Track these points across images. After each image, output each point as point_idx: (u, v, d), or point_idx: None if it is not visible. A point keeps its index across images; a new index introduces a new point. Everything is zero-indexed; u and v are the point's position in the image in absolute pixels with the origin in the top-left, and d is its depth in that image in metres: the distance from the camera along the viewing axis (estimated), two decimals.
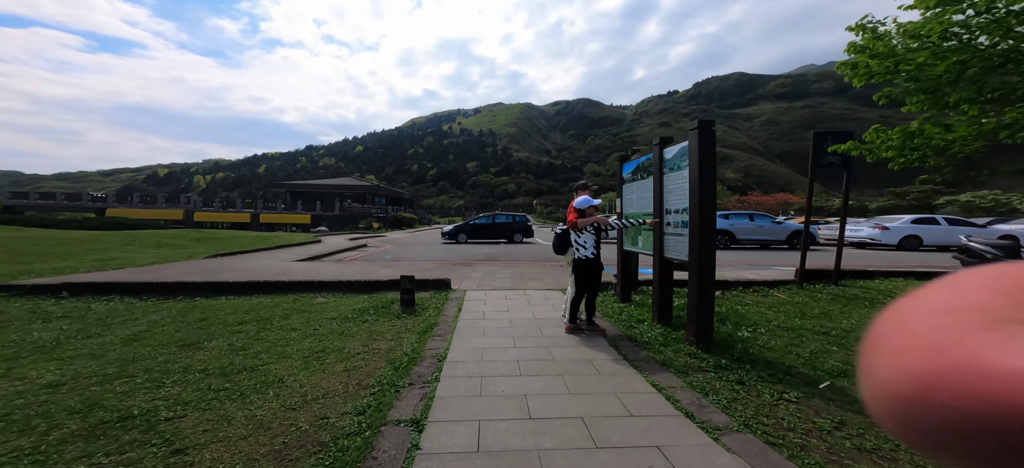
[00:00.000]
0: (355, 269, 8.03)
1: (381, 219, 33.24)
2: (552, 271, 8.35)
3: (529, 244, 17.24)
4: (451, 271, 8.20)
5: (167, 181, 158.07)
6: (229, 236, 15.06)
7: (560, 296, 5.74)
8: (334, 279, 6.17)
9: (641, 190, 4.57)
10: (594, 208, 3.81)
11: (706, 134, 3.26)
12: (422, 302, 5.30)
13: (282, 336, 3.82)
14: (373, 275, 7.09)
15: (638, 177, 4.68)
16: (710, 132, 3.26)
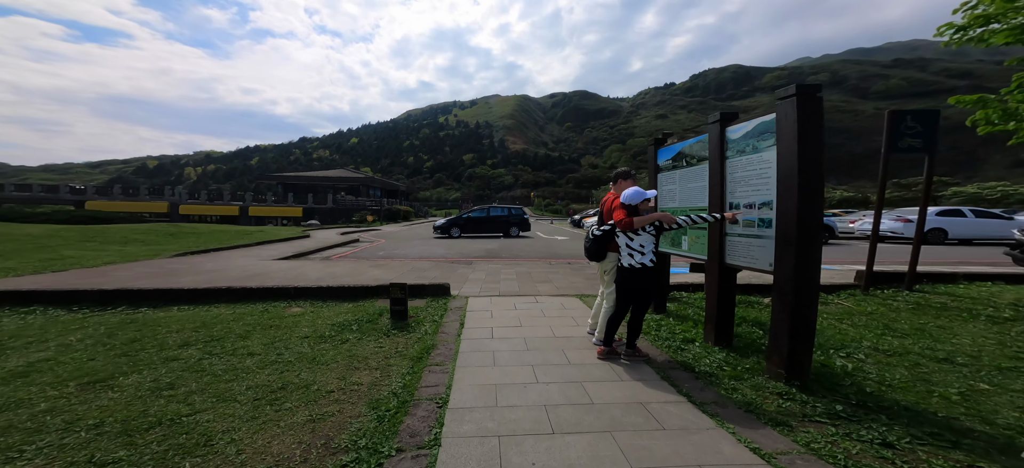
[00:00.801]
0: (342, 269, 7.11)
1: (375, 212, 32.13)
2: (561, 271, 7.50)
3: (527, 238, 16.38)
4: (450, 271, 7.32)
5: (157, 173, 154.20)
6: (209, 231, 14.02)
7: (578, 304, 4.89)
8: (314, 284, 5.27)
9: (686, 180, 3.69)
10: (648, 202, 2.94)
11: (809, 103, 2.38)
12: (417, 313, 4.43)
13: (233, 364, 2.93)
14: (361, 278, 6.20)
15: (680, 165, 3.80)
16: (815, 99, 2.38)
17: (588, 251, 3.26)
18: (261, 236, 12.72)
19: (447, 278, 6.50)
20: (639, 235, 2.89)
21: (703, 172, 3.39)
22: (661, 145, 4.21)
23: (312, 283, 5.39)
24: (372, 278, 6.21)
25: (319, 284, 5.16)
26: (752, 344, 3.29)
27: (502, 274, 7.19)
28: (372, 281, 5.92)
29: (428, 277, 6.59)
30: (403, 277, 6.52)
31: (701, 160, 3.44)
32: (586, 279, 6.56)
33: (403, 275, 6.75)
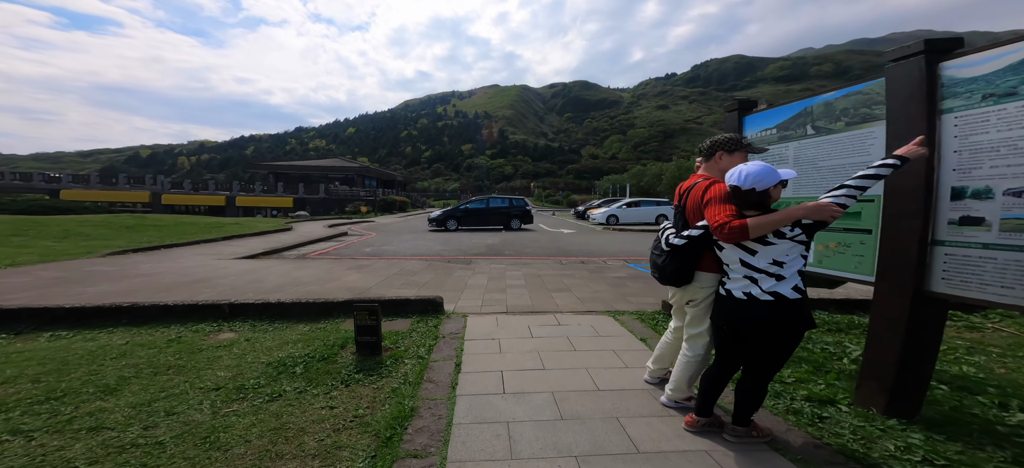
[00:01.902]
0: (311, 273, 5.86)
1: (370, 202, 30.73)
2: (576, 273, 6.27)
3: (530, 231, 15.12)
4: (445, 275, 6.08)
5: (150, 162, 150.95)
6: (176, 223, 12.71)
7: (614, 327, 3.66)
8: (260, 299, 4.02)
9: (819, 155, 2.37)
10: (781, 188, 1.68)
11: None
12: (397, 342, 3.21)
13: (42, 457, 1.70)
14: (331, 286, 4.94)
15: (799, 133, 2.51)
16: None
17: (661, 270, 1.98)
18: (235, 229, 11.42)
19: (441, 286, 5.27)
20: (773, 244, 1.62)
21: (865, 140, 2.10)
22: (748, 112, 2.91)
23: (261, 296, 4.15)
24: (345, 287, 4.96)
25: (265, 299, 3.90)
26: (957, 418, 2.01)
27: (507, 278, 5.96)
28: (344, 291, 4.67)
29: (417, 284, 5.35)
30: (386, 283, 5.28)
31: (860, 121, 2.14)
32: (611, 285, 5.34)
33: (387, 280, 5.51)
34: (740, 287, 1.69)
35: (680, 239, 1.89)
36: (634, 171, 42.04)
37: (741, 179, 1.63)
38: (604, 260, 7.94)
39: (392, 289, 5.00)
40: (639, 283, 5.51)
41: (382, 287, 5.11)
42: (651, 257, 2.09)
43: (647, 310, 4.07)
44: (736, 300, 1.70)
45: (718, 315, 1.81)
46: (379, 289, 4.98)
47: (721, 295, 1.79)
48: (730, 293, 1.72)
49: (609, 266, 7.12)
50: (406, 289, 5.05)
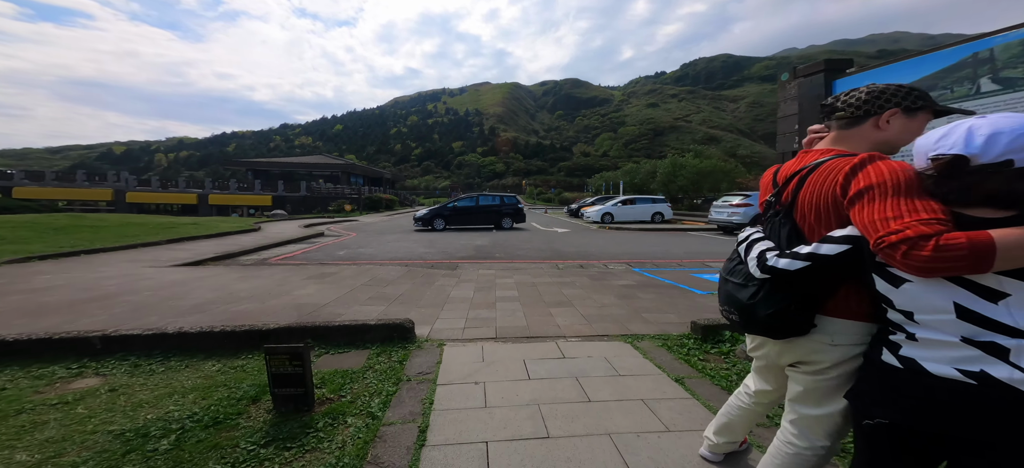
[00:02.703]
0: (260, 283, 4.88)
1: (355, 200, 29.37)
2: (576, 280, 5.43)
3: (522, 231, 14.26)
4: (424, 284, 5.16)
5: (124, 159, 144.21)
6: (122, 223, 11.36)
7: (635, 359, 2.83)
8: (159, 327, 3.05)
9: None
10: None
11: None
12: (340, 390, 2.33)
13: None
14: (276, 302, 3.98)
15: (957, 92, 1.63)
16: None
17: (749, 311, 1.09)
18: (193, 230, 10.19)
19: (417, 300, 4.36)
20: None
21: None
22: (841, 74, 2.06)
23: (166, 320, 3.18)
24: (294, 303, 4.01)
25: (161, 328, 2.92)
26: None
27: (497, 287, 5.09)
28: (289, 311, 3.71)
29: (387, 298, 4.43)
30: (348, 298, 4.34)
31: None
32: (619, 297, 4.51)
33: (351, 293, 4.56)
34: (953, 359, 0.84)
35: (794, 261, 1.03)
36: (627, 168, 41.56)
37: (980, 142, 0.78)
38: (605, 264, 7.14)
39: (353, 306, 4.07)
40: (651, 294, 4.70)
41: (341, 303, 4.17)
42: (725, 289, 1.22)
43: (672, 333, 3.25)
44: (939, 383, 0.85)
45: (877, 401, 0.96)
46: (336, 306, 4.05)
47: (888, 366, 0.94)
48: (919, 368, 0.88)
49: (612, 271, 6.31)
50: (372, 306, 4.12)
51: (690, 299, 4.36)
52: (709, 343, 2.95)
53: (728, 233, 12.55)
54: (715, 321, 3.03)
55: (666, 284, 5.22)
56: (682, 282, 5.34)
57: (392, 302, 4.31)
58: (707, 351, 2.86)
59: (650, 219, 18.64)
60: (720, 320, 2.99)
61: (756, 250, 1.11)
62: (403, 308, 4.09)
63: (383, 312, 3.93)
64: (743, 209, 11.27)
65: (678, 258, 7.73)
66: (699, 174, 24.60)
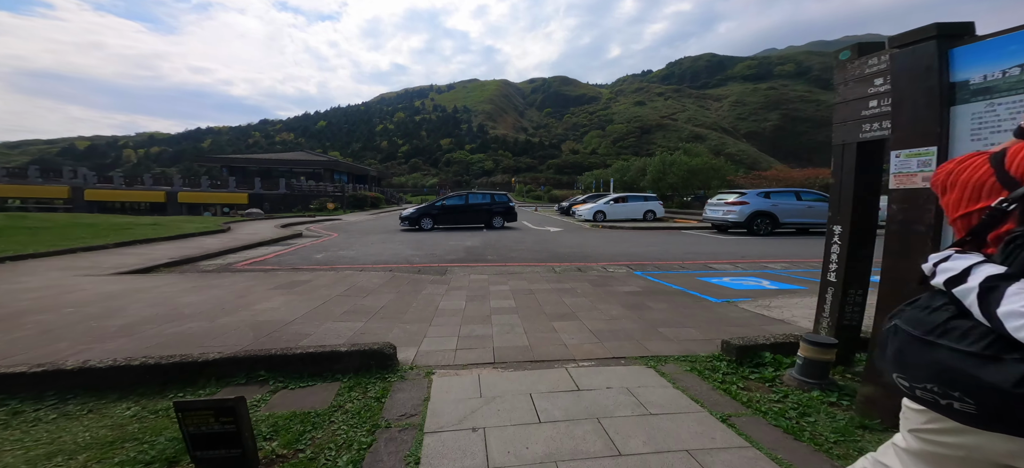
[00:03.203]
0: (215, 295, 4.21)
1: (338, 198, 28.17)
2: (577, 286, 4.97)
3: (514, 230, 13.77)
4: (409, 294, 4.60)
5: (88, 154, 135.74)
6: (71, 223, 10.23)
7: (660, 386, 2.38)
8: (54, 363, 2.42)
9: None
10: None
11: None
12: (296, 443, 1.80)
13: None
14: (229, 320, 3.36)
15: None
16: None
17: (1010, 402, 0.61)
18: (151, 232, 9.24)
19: (401, 313, 3.81)
20: None
21: None
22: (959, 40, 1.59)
23: (72, 353, 2.55)
24: (252, 322, 3.39)
25: (57, 364, 2.29)
26: None
27: (491, 295, 4.58)
28: (245, 331, 3.11)
29: (366, 312, 3.86)
30: (320, 313, 3.74)
31: None
32: (628, 307, 4.08)
33: (324, 306, 3.97)
34: None
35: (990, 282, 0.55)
36: (617, 166, 41.56)
37: None
38: (604, 266, 6.73)
39: (325, 324, 3.49)
40: (662, 303, 4.28)
41: (311, 320, 3.59)
42: (934, 358, 0.72)
43: (698, 354, 2.81)
44: None
45: None
46: (304, 323, 3.46)
47: None
48: None
49: (613, 276, 5.89)
50: (347, 322, 3.55)
51: (707, 309, 3.96)
52: (745, 367, 2.53)
53: (722, 231, 12.38)
54: (751, 341, 2.60)
55: (675, 290, 4.82)
56: (691, 288, 4.96)
57: (372, 317, 3.75)
58: (746, 377, 2.43)
59: (642, 217, 18.46)
60: (757, 340, 2.57)
61: (1008, 299, 0.63)
62: (384, 325, 3.54)
63: (360, 330, 3.37)
64: (739, 207, 11.06)
65: (679, 260, 7.39)
66: (689, 172, 24.63)
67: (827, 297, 2.19)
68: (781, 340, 2.53)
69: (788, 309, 3.77)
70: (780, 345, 2.50)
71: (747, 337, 2.65)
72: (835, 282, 2.13)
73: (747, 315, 3.67)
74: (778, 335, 2.69)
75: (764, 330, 3.26)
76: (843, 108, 2.02)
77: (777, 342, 2.50)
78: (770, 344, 2.49)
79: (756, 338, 2.59)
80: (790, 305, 3.87)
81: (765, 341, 2.52)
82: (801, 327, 3.24)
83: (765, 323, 3.45)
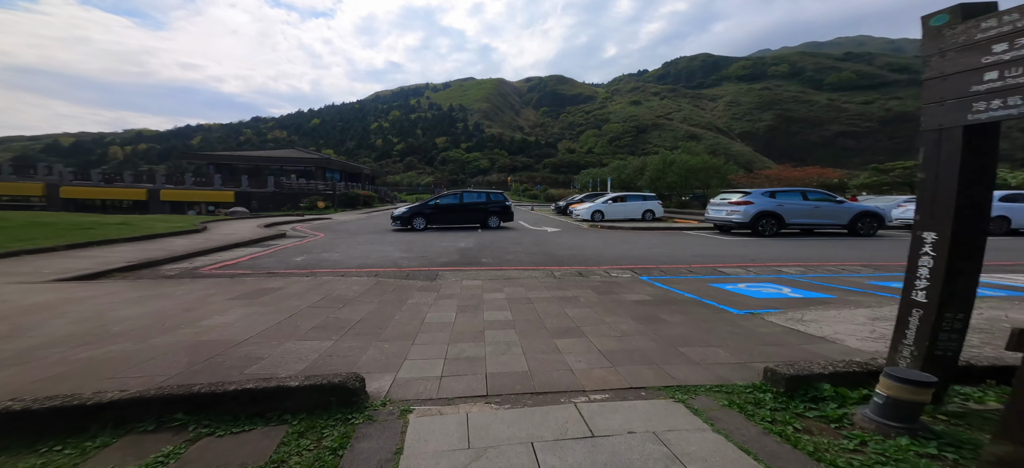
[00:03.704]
0: (161, 306, 3.65)
1: (329, 197, 27.36)
2: (579, 293, 4.48)
3: (510, 230, 13.26)
4: (393, 304, 4.07)
5: (73, 152, 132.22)
6: (25, 222, 9.40)
7: (694, 429, 1.89)
8: None
9: None
10: None
11: None
12: None
13: None
14: (163, 340, 2.82)
15: None
16: None
17: None
18: (114, 232, 8.52)
19: (379, 329, 3.28)
20: None
21: None
22: None
23: None
24: (189, 343, 2.83)
25: None
26: None
27: (485, 305, 4.08)
28: (171, 360, 2.56)
29: (339, 328, 3.31)
30: (283, 330, 3.19)
31: None
32: (640, 320, 3.60)
33: (289, 320, 3.42)
34: None
35: None
36: (615, 165, 41.19)
37: None
38: (606, 270, 6.25)
39: (285, 344, 2.95)
40: (677, 315, 3.80)
41: (267, 339, 3.04)
42: None
43: (735, 382, 2.33)
44: None
45: None
46: (258, 344, 2.92)
47: None
48: None
49: (617, 281, 5.41)
50: (313, 341, 3.01)
51: (729, 323, 3.48)
52: (798, 400, 2.04)
53: (725, 232, 11.98)
54: (804, 369, 2.11)
55: (688, 299, 4.35)
56: (705, 296, 4.49)
57: (345, 334, 3.21)
58: (801, 415, 1.95)
59: (641, 217, 18.06)
60: (812, 368, 2.08)
61: None
62: (358, 344, 3.01)
63: (327, 352, 2.83)
64: (743, 207, 10.64)
65: (686, 263, 6.93)
66: (689, 170, 24.29)
67: (911, 320, 1.72)
68: (841, 368, 2.05)
69: (826, 323, 3.29)
70: (841, 374, 2.02)
71: (797, 363, 2.16)
72: (925, 302, 1.65)
73: (779, 331, 3.19)
74: (836, 360, 2.20)
75: (806, 351, 2.78)
76: (939, 85, 1.55)
77: (838, 371, 2.02)
78: (829, 373, 2.00)
79: (810, 366, 2.10)
80: (826, 319, 3.39)
81: (822, 369, 2.03)
82: (850, 347, 2.77)
83: (804, 341, 2.97)
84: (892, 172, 31.58)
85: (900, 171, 31.10)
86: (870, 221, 10.64)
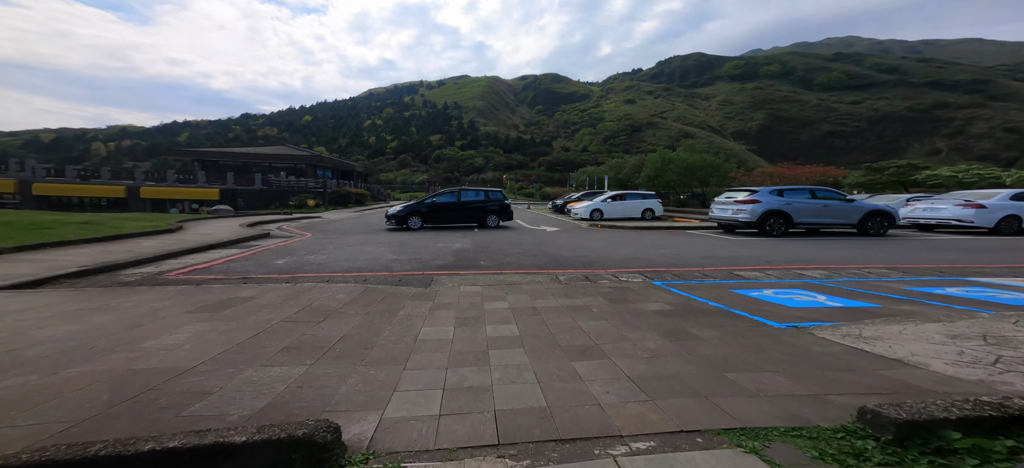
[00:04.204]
0: (96, 324, 3.07)
1: (319, 195, 26.50)
2: (589, 301, 3.99)
3: (509, 229, 12.75)
4: (382, 316, 3.54)
5: (54, 148, 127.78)
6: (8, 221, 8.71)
7: None
8: None
9: None
10: None
11: None
12: None
13: None
14: (73, 373, 2.24)
15: None
16: None
17: None
18: (77, 232, 7.78)
19: (362, 351, 2.74)
20: None
21: None
22: None
23: None
24: (117, 373, 2.27)
25: None
26: None
27: (487, 317, 3.57)
28: (81, 400, 2.01)
29: (317, 349, 2.77)
30: (249, 348, 2.64)
31: None
32: (666, 335, 3.12)
33: (256, 339, 2.87)
34: None
35: None
36: (612, 163, 40.83)
37: None
38: (615, 274, 5.79)
39: (244, 372, 2.40)
40: (708, 328, 3.33)
41: (223, 367, 2.49)
42: None
43: (820, 424, 1.84)
44: None
45: None
46: (208, 374, 2.36)
47: None
48: None
49: (629, 286, 4.94)
50: (282, 366, 2.46)
51: (774, 339, 3.02)
52: (916, 452, 1.56)
53: (729, 231, 11.62)
54: (918, 410, 1.62)
55: (714, 309, 3.88)
56: (731, 304, 4.03)
57: (321, 357, 2.67)
58: None
59: (640, 216, 17.69)
60: (930, 410, 1.60)
61: None
62: (337, 370, 2.47)
63: (297, 383, 2.29)
64: (750, 206, 10.26)
65: (697, 265, 6.49)
66: (687, 169, 23.98)
67: None
68: (970, 410, 1.56)
69: (894, 342, 2.81)
70: (972, 420, 1.54)
71: (907, 403, 1.67)
72: None
73: (838, 350, 2.72)
74: (954, 398, 1.71)
75: (888, 379, 2.31)
76: None
77: (967, 415, 1.54)
78: (956, 418, 1.53)
79: (927, 406, 1.62)
80: (891, 335, 2.92)
81: (944, 412, 1.56)
82: (942, 374, 2.30)
83: (877, 365, 2.49)
84: (886, 171, 31.82)
85: (894, 170, 31.35)
86: (880, 220, 10.35)
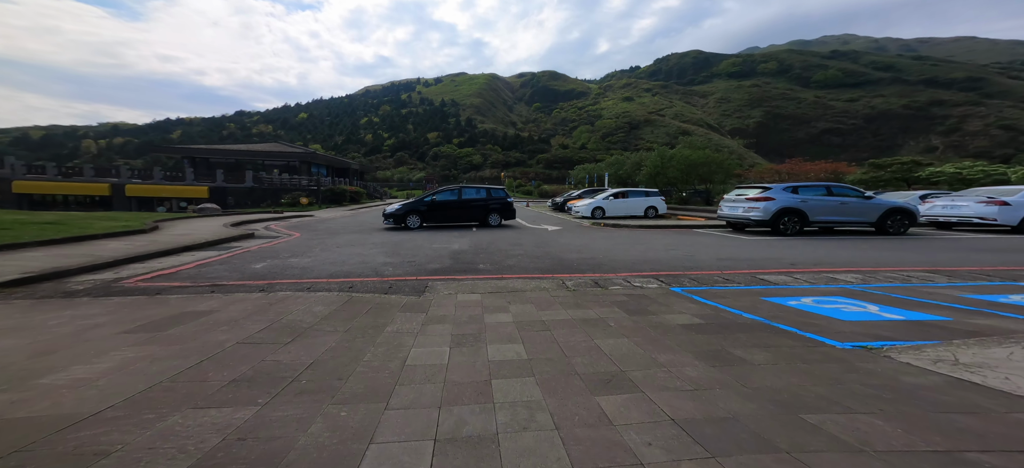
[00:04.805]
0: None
1: (313, 192, 25.79)
2: (607, 313, 3.45)
3: (508, 229, 12.18)
4: (363, 333, 2.97)
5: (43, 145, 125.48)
6: None
7: None
8: None
9: None
10: None
11: None
12: None
13: None
14: None
15: None
16: None
17: None
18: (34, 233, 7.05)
19: (334, 385, 2.17)
20: None
21: None
22: None
23: None
24: None
25: None
26: None
27: (488, 335, 3.02)
28: None
29: (274, 380, 2.21)
30: (186, 381, 2.08)
31: None
32: (710, 361, 2.59)
33: (198, 368, 2.30)
34: None
35: None
36: (612, 160, 40.31)
37: None
38: (626, 278, 5.26)
39: (169, 418, 1.83)
40: (755, 349, 2.80)
41: (137, 411, 1.92)
42: None
43: None
44: None
45: None
46: (111, 422, 1.80)
47: None
48: None
49: (646, 294, 4.40)
50: (223, 407, 1.90)
51: (845, 365, 2.48)
52: None
53: (739, 230, 11.13)
54: None
55: (753, 322, 3.35)
56: (771, 316, 3.50)
57: (280, 392, 2.11)
58: None
59: (643, 214, 17.20)
60: None
61: None
62: (298, 411, 1.91)
63: (239, 432, 1.72)
64: (763, 203, 9.75)
65: (715, 269, 5.96)
66: (690, 165, 23.50)
67: None
68: None
69: (1008, 371, 2.17)
70: None
71: None
72: None
73: (939, 383, 2.16)
74: None
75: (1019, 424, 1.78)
76: None
77: None
78: None
79: None
80: (998, 362, 2.30)
81: None
82: None
83: (999, 404, 1.93)
84: (889, 168, 31.49)
85: (897, 167, 31.01)
86: (901, 219, 9.87)
